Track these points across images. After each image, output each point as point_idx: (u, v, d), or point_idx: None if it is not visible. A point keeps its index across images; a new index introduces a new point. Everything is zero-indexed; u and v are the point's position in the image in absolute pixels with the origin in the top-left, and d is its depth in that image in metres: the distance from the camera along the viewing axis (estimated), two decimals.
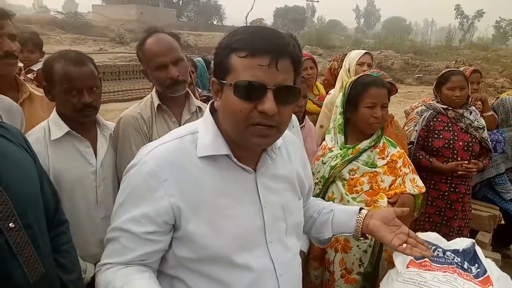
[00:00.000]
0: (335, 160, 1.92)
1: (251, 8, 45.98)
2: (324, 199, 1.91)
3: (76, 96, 1.58)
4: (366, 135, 1.99)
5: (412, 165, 2.09)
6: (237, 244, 1.04)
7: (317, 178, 1.95)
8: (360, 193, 1.90)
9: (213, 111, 1.09)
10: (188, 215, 1.00)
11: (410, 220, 2.01)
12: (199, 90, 3.45)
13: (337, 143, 1.98)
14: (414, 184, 2.01)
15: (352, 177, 1.91)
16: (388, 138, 2.12)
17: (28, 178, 1.14)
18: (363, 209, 1.34)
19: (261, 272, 1.07)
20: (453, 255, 1.61)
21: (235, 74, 0.96)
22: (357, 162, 1.93)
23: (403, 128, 2.96)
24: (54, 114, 1.66)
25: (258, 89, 0.94)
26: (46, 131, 1.62)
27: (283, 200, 1.16)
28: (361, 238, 1.33)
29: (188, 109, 1.98)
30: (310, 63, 3.33)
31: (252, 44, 0.94)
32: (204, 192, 1.02)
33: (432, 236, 1.72)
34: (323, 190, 1.92)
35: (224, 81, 0.98)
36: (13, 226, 1.03)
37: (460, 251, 1.63)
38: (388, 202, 1.88)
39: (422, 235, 1.53)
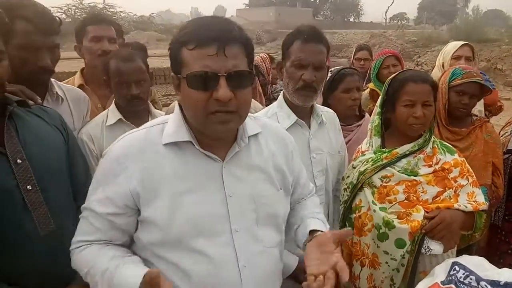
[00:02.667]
0: (365, 165, 1.74)
1: (392, 2, 43.35)
2: (351, 207, 1.76)
3: (125, 88, 1.80)
4: (409, 139, 1.74)
5: (474, 177, 1.75)
6: (195, 229, 1.07)
7: (346, 184, 1.80)
8: (393, 203, 1.68)
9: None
10: (147, 200, 1.06)
11: (457, 241, 1.68)
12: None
13: (372, 146, 1.79)
14: (471, 199, 1.69)
15: (385, 184, 1.70)
16: (444, 143, 1.82)
17: (52, 151, 1.37)
18: (317, 231, 1.21)
19: (220, 260, 1.08)
20: (488, 286, 1.31)
21: (187, 66, 1.01)
22: (393, 168, 1.71)
23: (499, 134, 2.47)
24: (112, 104, 1.92)
25: (210, 78, 0.98)
26: (104, 118, 1.89)
27: (255, 190, 1.15)
28: None
29: None
30: (392, 60, 3.04)
31: (198, 35, 0.99)
32: (165, 177, 1.07)
33: (474, 261, 1.43)
34: (351, 197, 1.76)
35: (179, 75, 1.03)
36: (30, 188, 1.26)
37: (501, 283, 1.31)
38: (425, 217, 1.62)
39: (463, 259, 1.32)
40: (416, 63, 16.18)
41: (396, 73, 1.79)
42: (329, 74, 2.16)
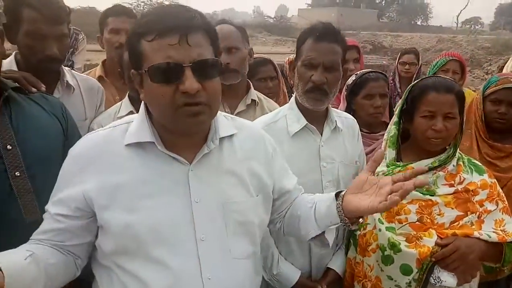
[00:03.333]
0: None
1: (466, 6, 40.67)
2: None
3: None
4: (429, 153, 1.56)
5: (506, 203, 1.53)
6: (155, 237, 1.00)
7: None
8: (403, 223, 1.51)
9: None
10: (103, 204, 1.00)
11: (474, 274, 1.47)
12: None
13: (386, 158, 1.62)
14: (499, 227, 1.47)
15: None
16: (473, 161, 1.61)
17: (45, 139, 1.36)
18: (342, 191, 1.11)
19: (181, 271, 1.00)
20: None
21: (148, 60, 0.94)
22: None
23: None
24: (126, 96, 1.93)
25: (175, 70, 0.91)
26: (117, 109, 1.91)
27: (225, 196, 1.07)
28: (351, 225, 1.09)
29: (244, 101, 1.99)
30: (456, 66, 2.84)
31: (156, 24, 0.92)
32: (124, 180, 1.01)
33: None
34: None
35: (140, 71, 0.97)
36: (18, 174, 1.27)
37: None
38: (437, 243, 1.43)
39: None
40: (486, 71, 15.08)
41: (419, 79, 1.61)
42: (353, 77, 2.01)
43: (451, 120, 1.46)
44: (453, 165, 1.54)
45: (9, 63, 1.69)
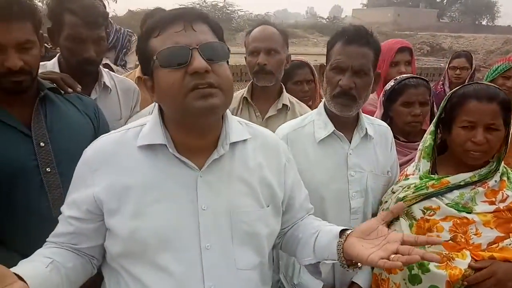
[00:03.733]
0: (405, 191, 1.48)
1: None
2: None
3: None
4: (469, 167, 1.44)
5: None
6: (160, 243, 0.99)
7: (382, 209, 1.56)
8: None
9: None
10: (111, 207, 1.00)
11: None
12: None
13: (419, 170, 1.51)
14: None
15: (428, 218, 1.43)
16: None
17: (76, 137, 1.42)
18: (348, 229, 1.06)
19: (183, 278, 0.99)
20: None
21: (156, 51, 0.94)
22: (440, 199, 1.43)
23: None
24: None
25: (183, 52, 0.92)
26: (151, 109, 1.92)
27: (233, 204, 1.04)
28: (348, 267, 1.05)
29: (275, 106, 1.98)
30: None
31: (161, 19, 0.96)
32: (133, 184, 1.00)
33: None
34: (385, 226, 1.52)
35: (151, 67, 0.97)
36: (49, 170, 1.35)
37: None
38: (470, 266, 1.32)
39: None
40: None
41: (460, 86, 1.49)
42: (391, 83, 1.91)
43: (493, 132, 1.34)
44: (495, 181, 1.41)
45: (52, 65, 1.80)
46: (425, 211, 1.44)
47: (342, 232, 1.07)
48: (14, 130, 1.30)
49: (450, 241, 1.38)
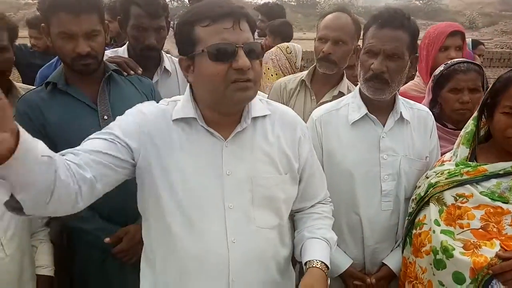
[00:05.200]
0: (438, 177, 1.46)
1: None
2: (414, 221, 1.52)
3: None
4: (510, 155, 1.37)
5: None
6: (188, 199, 1.14)
7: (415, 194, 1.55)
8: (464, 228, 1.38)
9: None
10: (150, 166, 1.12)
11: None
12: None
13: (457, 156, 1.47)
14: None
15: (460, 205, 1.40)
16: None
17: None
18: (311, 266, 1.20)
19: (208, 232, 1.14)
20: None
21: (203, 42, 1.06)
22: (474, 187, 1.38)
23: None
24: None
25: (230, 49, 1.05)
26: None
27: (254, 171, 1.18)
28: None
29: (331, 92, 2.04)
30: None
31: (211, 12, 1.07)
32: (171, 149, 1.15)
33: None
34: (416, 210, 1.51)
35: (193, 53, 1.10)
36: None
37: None
38: (497, 255, 1.28)
39: None
40: None
41: (509, 70, 1.41)
42: (441, 68, 1.83)
43: None
44: None
45: (122, 51, 2.07)
46: (457, 198, 1.41)
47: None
48: (83, 105, 1.56)
49: (480, 229, 1.35)
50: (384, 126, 1.55)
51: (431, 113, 1.66)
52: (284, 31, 3.80)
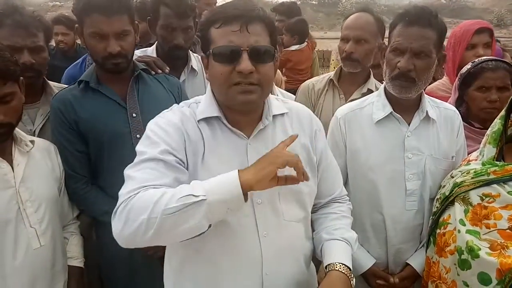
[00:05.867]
0: (464, 176, 1.44)
1: None
2: (438, 220, 1.51)
3: None
4: None
5: None
6: None
7: (439, 193, 1.54)
8: (491, 229, 1.36)
9: None
10: (190, 161, 1.15)
11: None
12: None
13: (483, 156, 1.45)
14: None
15: (486, 205, 1.38)
16: None
17: (162, 111, 1.64)
18: (331, 269, 1.19)
19: (240, 228, 1.16)
20: None
21: (213, 43, 1.11)
22: (502, 187, 1.37)
23: None
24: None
25: (234, 52, 1.07)
26: None
27: None
28: None
29: (360, 90, 2.06)
30: None
31: (224, 14, 1.10)
32: (198, 150, 1.16)
33: None
34: (440, 209, 1.50)
35: (208, 52, 1.14)
36: (138, 136, 1.60)
37: None
38: None
39: None
40: None
41: None
42: (468, 66, 1.81)
43: None
44: None
45: (151, 50, 2.12)
46: (484, 197, 1.39)
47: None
48: (114, 103, 1.62)
49: (507, 230, 1.33)
50: (409, 125, 1.55)
51: (458, 112, 1.64)
52: (301, 28, 3.83)
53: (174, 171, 1.09)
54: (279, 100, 1.29)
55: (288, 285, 1.22)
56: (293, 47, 3.77)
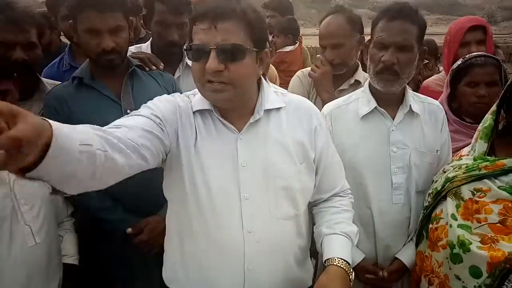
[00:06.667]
0: (455, 171, 1.47)
1: None
2: (430, 215, 1.53)
3: None
4: None
5: None
6: (206, 190, 1.16)
7: (431, 188, 1.56)
8: (482, 223, 1.38)
9: None
10: (181, 152, 1.17)
11: None
12: None
13: (474, 151, 1.48)
14: None
15: (477, 199, 1.40)
16: None
17: None
18: (330, 264, 1.20)
19: (225, 222, 1.18)
20: None
21: (190, 40, 1.13)
22: (492, 181, 1.39)
23: None
24: None
25: (201, 50, 1.07)
26: None
27: (269, 162, 1.20)
28: None
29: (348, 82, 2.09)
30: None
31: (198, 11, 1.10)
32: (193, 140, 1.18)
33: None
34: (432, 204, 1.52)
35: None
36: None
37: None
38: None
39: None
40: None
41: None
42: (458, 62, 1.84)
43: None
44: None
45: (146, 47, 2.11)
46: (475, 192, 1.42)
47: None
48: (108, 99, 1.62)
49: (498, 224, 1.35)
50: (393, 120, 1.57)
51: (441, 106, 1.67)
52: (293, 27, 3.82)
53: (157, 130, 1.09)
54: (278, 94, 1.28)
55: (273, 281, 1.23)
56: (287, 48, 3.77)
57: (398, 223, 1.61)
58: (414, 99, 1.59)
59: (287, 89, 3.37)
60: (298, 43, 3.71)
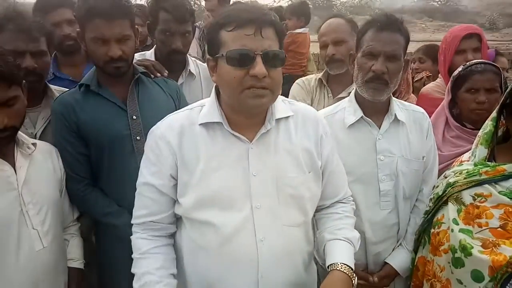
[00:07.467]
0: (456, 177, 1.49)
1: None
2: (431, 220, 1.55)
3: None
4: None
5: None
6: (219, 202, 1.19)
7: (433, 194, 1.58)
8: (483, 227, 1.40)
9: None
10: (183, 173, 1.20)
11: None
12: None
13: (475, 157, 1.50)
14: None
15: (478, 204, 1.43)
16: None
17: (161, 113, 1.54)
18: (333, 269, 1.22)
19: (238, 232, 1.19)
20: None
21: (226, 46, 1.11)
22: (493, 187, 1.41)
23: None
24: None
25: (248, 56, 1.08)
26: None
27: (279, 171, 1.22)
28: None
29: (348, 89, 2.13)
30: None
31: (237, 17, 1.11)
32: (198, 154, 1.20)
33: None
34: (433, 209, 1.54)
35: (217, 55, 1.15)
36: (139, 138, 1.65)
37: None
38: None
39: None
40: None
41: None
42: (459, 69, 1.86)
43: None
44: None
45: (150, 54, 2.15)
46: (476, 197, 1.44)
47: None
48: (114, 105, 1.65)
49: (499, 228, 1.37)
50: (380, 128, 1.60)
51: (426, 114, 1.70)
52: (306, 10, 3.90)
53: (162, 194, 1.24)
54: (286, 102, 1.30)
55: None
56: (299, 30, 3.81)
57: (387, 228, 1.64)
58: (399, 107, 1.62)
59: (292, 71, 3.39)
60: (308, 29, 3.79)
